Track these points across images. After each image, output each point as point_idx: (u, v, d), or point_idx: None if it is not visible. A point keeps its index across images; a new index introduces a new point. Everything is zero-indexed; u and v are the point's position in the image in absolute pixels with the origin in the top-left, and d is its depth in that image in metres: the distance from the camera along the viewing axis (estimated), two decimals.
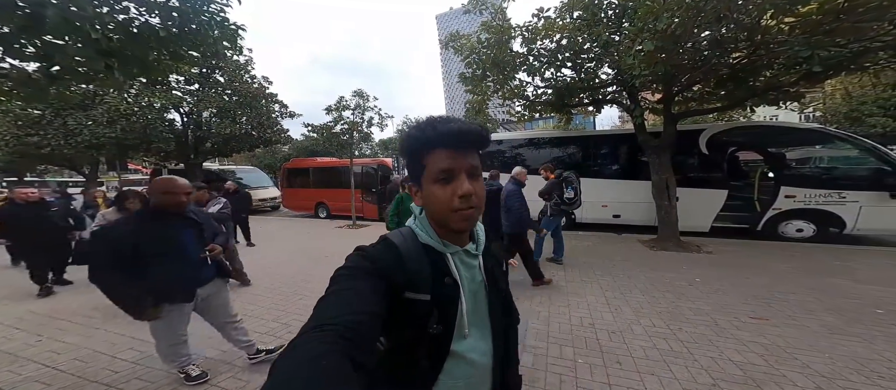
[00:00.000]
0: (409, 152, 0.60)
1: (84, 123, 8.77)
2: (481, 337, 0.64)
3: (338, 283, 0.52)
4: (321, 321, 0.44)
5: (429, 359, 0.58)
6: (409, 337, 0.57)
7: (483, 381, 0.65)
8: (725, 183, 5.62)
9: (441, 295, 0.58)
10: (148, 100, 8.87)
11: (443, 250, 0.61)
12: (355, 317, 0.45)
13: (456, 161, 0.55)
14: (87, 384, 1.96)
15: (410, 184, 0.64)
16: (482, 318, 0.65)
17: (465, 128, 0.55)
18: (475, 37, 5.81)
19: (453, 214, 0.56)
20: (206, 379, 1.92)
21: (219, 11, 2.24)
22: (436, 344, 0.58)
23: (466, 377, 0.61)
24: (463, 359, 0.60)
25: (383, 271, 0.55)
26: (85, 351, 2.35)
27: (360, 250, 0.59)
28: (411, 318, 0.56)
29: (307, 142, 17.08)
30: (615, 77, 5.22)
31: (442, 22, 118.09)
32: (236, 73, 10.43)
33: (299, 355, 0.39)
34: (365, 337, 0.45)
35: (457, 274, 0.61)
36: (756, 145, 5.89)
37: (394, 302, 0.54)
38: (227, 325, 2.00)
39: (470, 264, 0.64)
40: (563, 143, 7.03)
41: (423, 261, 0.59)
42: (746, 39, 3.61)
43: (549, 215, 4.30)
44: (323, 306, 0.48)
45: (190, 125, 10.55)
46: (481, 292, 0.65)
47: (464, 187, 0.55)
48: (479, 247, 0.66)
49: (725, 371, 1.97)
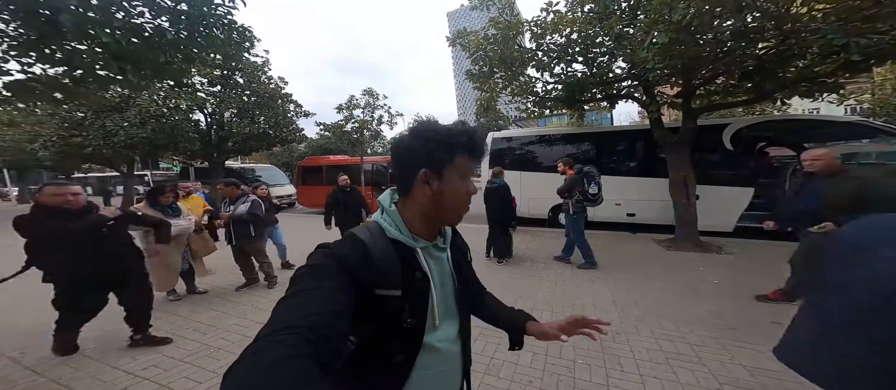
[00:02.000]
0: (442, 142, 0.60)
1: (120, 124, 9.47)
2: (450, 325, 0.67)
3: (299, 283, 0.50)
4: (282, 324, 0.42)
5: (402, 353, 0.59)
6: (382, 333, 0.57)
7: (454, 368, 0.68)
8: (752, 180, 5.28)
9: (412, 290, 0.59)
10: (175, 101, 9.44)
11: (412, 245, 0.61)
12: (319, 318, 0.44)
13: (473, 165, 0.66)
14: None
15: (425, 171, 0.60)
16: (451, 308, 0.68)
17: (484, 142, 0.68)
18: (483, 33, 5.74)
19: (461, 210, 0.65)
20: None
21: (226, 14, 2.35)
22: (409, 337, 0.59)
23: (438, 365, 0.63)
24: (434, 349, 0.62)
25: (350, 269, 0.53)
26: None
27: (324, 248, 0.57)
28: (383, 314, 0.57)
29: (321, 140, 17.57)
30: (629, 71, 5.00)
31: (453, 19, 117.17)
32: (254, 74, 10.87)
33: (258, 361, 0.37)
34: (330, 338, 0.44)
35: (426, 267, 0.62)
36: (788, 140, 5.47)
37: (364, 299, 0.54)
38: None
39: (438, 257, 0.67)
40: (575, 140, 6.84)
41: (392, 257, 0.59)
42: (774, 28, 3.35)
43: (571, 214, 3.89)
44: (282, 309, 0.46)
45: (213, 125, 11.12)
46: (449, 283, 0.68)
47: (474, 186, 0.66)
48: (447, 241, 0.69)
49: (733, 375, 1.88)
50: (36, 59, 1.93)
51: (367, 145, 8.32)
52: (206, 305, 3.14)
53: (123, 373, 2.08)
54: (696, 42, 3.38)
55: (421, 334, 0.61)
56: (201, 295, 3.40)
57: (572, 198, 3.97)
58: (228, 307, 3.11)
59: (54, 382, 2.00)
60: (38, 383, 2.00)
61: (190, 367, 2.14)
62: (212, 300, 3.28)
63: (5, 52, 1.91)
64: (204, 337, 2.55)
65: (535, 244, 5.29)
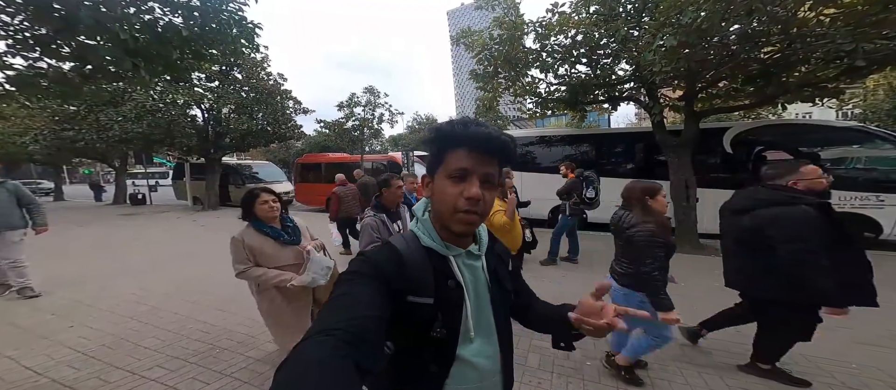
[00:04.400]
0: (433, 142, 0.60)
1: (114, 119, 9.29)
2: (487, 340, 0.63)
3: (340, 288, 0.52)
4: (325, 326, 0.44)
5: (436, 364, 0.58)
6: (414, 342, 0.57)
7: (492, 385, 0.64)
8: (750, 184, 5.33)
9: (444, 299, 0.58)
10: (172, 97, 9.28)
11: (445, 253, 0.61)
12: (359, 322, 0.45)
13: (473, 163, 0.55)
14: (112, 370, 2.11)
15: (424, 176, 0.64)
16: (487, 320, 0.64)
17: (494, 135, 0.55)
18: (487, 33, 5.72)
19: (456, 214, 0.56)
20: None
21: (237, 10, 2.31)
22: (441, 348, 0.58)
23: (475, 381, 0.61)
24: (469, 364, 0.60)
25: (384, 275, 0.54)
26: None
27: (362, 255, 0.60)
28: (415, 322, 0.56)
29: (320, 137, 17.46)
30: (633, 73, 5.02)
31: (453, 18, 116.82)
32: (253, 70, 10.73)
33: (304, 360, 0.39)
34: (370, 341, 0.45)
35: (460, 276, 0.61)
36: (787, 144, 5.55)
37: (397, 306, 0.54)
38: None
39: (473, 266, 0.64)
40: (575, 141, 6.86)
41: (426, 265, 0.58)
42: (780, 32, 3.38)
43: (567, 214, 4.21)
44: (326, 311, 0.48)
45: (210, 121, 10.96)
46: (485, 293, 0.64)
47: (473, 190, 0.54)
48: (482, 248, 0.66)
49: (740, 381, 1.90)
50: (41, 53, 1.88)
51: (366, 143, 8.24)
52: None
53: (128, 373, 2.04)
54: (703, 45, 3.39)
55: (454, 345, 0.59)
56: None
57: (570, 201, 4.14)
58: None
59: (57, 383, 1.96)
60: (40, 384, 1.96)
61: (195, 368, 2.11)
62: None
63: (10, 47, 1.85)
64: (207, 336, 2.52)
65: (537, 245, 5.30)
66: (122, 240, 6.27)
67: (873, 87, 12.50)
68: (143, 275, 4.06)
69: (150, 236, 6.70)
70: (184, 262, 4.63)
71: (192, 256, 4.98)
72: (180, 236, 6.69)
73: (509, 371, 0.69)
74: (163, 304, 3.11)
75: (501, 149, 0.57)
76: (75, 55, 1.91)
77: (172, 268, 4.37)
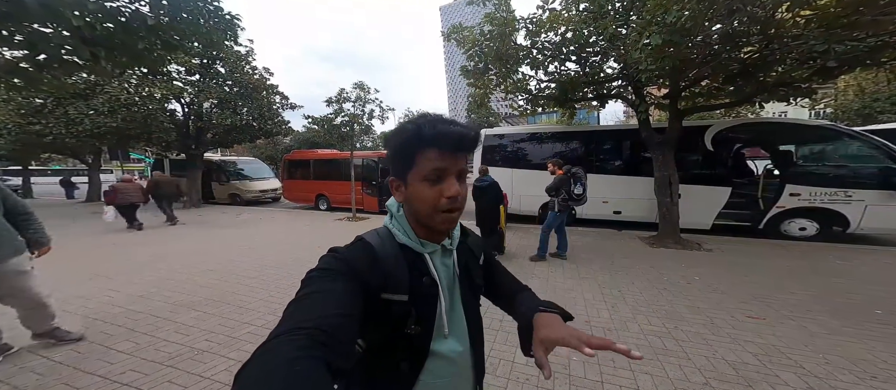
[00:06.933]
0: (399, 145, 0.57)
1: (85, 112, 8.76)
2: (458, 334, 0.64)
3: (310, 285, 0.50)
4: (293, 324, 0.42)
5: (408, 361, 0.58)
6: (389, 338, 0.57)
7: (465, 378, 0.65)
8: (729, 180, 5.55)
9: (419, 295, 0.58)
10: (148, 90, 8.82)
11: (421, 250, 0.61)
12: (330, 320, 0.43)
13: (449, 162, 0.55)
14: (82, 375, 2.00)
15: (392, 179, 0.61)
16: (459, 315, 0.65)
17: (465, 132, 0.55)
18: (478, 29, 5.68)
19: (438, 215, 0.56)
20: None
21: (210, 1, 2.19)
22: (414, 344, 0.58)
23: (448, 373, 0.62)
24: (443, 357, 0.60)
25: (357, 272, 0.53)
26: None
27: (333, 251, 0.57)
28: (389, 319, 0.56)
29: (308, 133, 17.04)
30: (621, 71, 5.10)
31: (446, 14, 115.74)
32: (237, 64, 10.32)
33: (273, 358, 0.37)
34: (340, 339, 0.43)
35: (436, 273, 0.61)
36: (763, 142, 5.78)
37: (370, 303, 0.53)
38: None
39: (446, 262, 0.65)
40: (564, 138, 6.94)
41: (400, 262, 0.58)
42: (759, 33, 3.49)
43: (555, 211, 4.27)
44: (294, 309, 0.46)
45: (191, 116, 10.51)
46: (456, 287, 0.65)
47: (453, 189, 0.55)
48: (454, 243, 0.66)
49: (718, 370, 1.98)
50: None
51: (356, 140, 8.09)
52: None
53: (99, 378, 1.94)
54: (686, 44, 3.47)
55: (428, 341, 0.59)
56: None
57: (558, 197, 4.18)
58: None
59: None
60: None
61: (173, 371, 2.03)
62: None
63: None
64: (186, 338, 2.42)
65: (527, 241, 5.36)
66: (93, 242, 5.96)
67: (844, 87, 13.18)
68: (118, 276, 3.88)
69: (126, 237, 6.40)
70: (162, 263, 4.45)
71: (168, 257, 4.79)
72: (158, 236, 6.42)
73: (480, 363, 0.70)
74: (136, 305, 2.98)
75: (472, 143, 0.57)
76: (25, 43, 1.76)
77: (148, 270, 4.19)
